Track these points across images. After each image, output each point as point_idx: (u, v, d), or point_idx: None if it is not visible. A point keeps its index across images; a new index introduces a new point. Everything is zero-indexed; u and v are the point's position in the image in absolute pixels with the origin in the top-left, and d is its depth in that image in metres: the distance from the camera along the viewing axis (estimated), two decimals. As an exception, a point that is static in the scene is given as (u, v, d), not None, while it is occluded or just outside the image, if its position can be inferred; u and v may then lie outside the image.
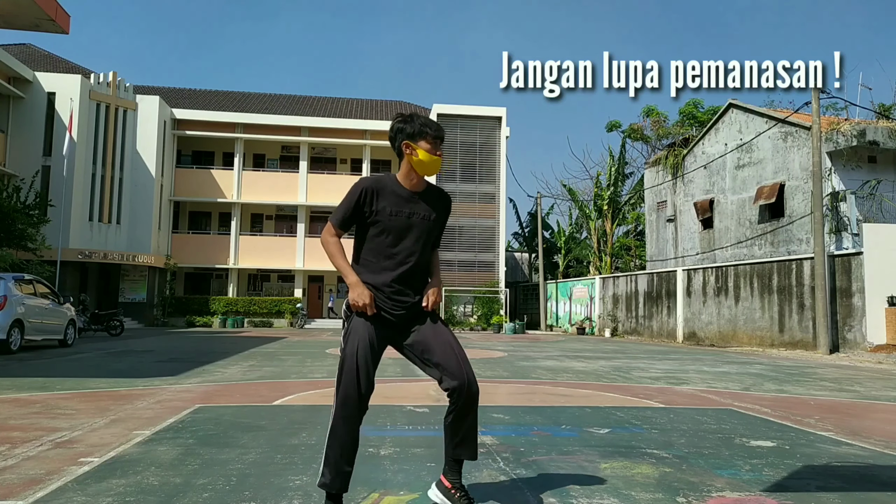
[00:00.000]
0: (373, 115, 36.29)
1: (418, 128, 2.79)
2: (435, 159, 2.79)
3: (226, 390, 7.42)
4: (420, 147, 2.77)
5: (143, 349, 14.25)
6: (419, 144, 2.78)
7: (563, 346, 18.66)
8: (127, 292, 29.75)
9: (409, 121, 2.82)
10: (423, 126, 2.79)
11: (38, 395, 6.74)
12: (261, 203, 33.96)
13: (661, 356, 14.66)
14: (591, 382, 8.84)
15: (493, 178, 33.00)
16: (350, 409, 2.70)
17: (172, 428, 4.93)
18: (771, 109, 23.43)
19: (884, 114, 21.96)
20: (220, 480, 3.44)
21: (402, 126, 2.82)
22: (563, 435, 4.89)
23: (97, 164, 28.32)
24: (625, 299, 26.32)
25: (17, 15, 11.59)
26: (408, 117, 2.84)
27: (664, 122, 35.71)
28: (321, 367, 10.39)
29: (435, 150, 2.79)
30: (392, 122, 2.89)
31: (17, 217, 20.01)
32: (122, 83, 29.49)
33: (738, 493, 3.36)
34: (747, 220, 22.20)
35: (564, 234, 39.40)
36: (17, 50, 32.94)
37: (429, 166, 2.79)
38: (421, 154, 2.77)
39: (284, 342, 17.73)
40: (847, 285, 16.31)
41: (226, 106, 35.11)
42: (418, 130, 2.78)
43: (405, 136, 2.80)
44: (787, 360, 14.13)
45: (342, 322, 2.90)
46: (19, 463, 3.79)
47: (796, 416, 5.99)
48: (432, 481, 3.25)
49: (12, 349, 12.15)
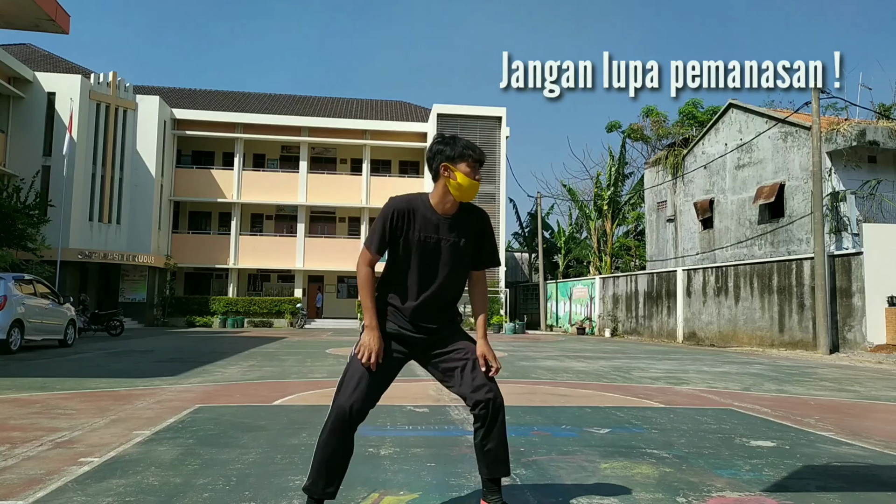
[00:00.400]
0: (373, 115, 36.30)
1: (460, 150, 2.71)
2: (473, 183, 2.70)
3: (226, 390, 7.42)
4: (459, 170, 2.69)
5: (143, 349, 14.25)
6: (458, 167, 2.69)
7: (563, 346, 18.66)
8: (127, 292, 29.74)
9: (450, 143, 2.74)
10: (465, 149, 2.72)
11: (38, 395, 6.74)
12: (261, 203, 33.96)
13: (661, 356, 14.66)
14: (591, 382, 8.84)
15: (493, 178, 33.00)
16: (340, 419, 2.62)
17: (172, 428, 4.93)
18: (771, 109, 23.43)
19: (884, 114, 21.96)
20: (220, 480, 3.44)
21: (441, 147, 2.74)
22: (563, 435, 4.89)
23: (97, 164, 28.31)
24: (625, 299, 26.32)
25: (17, 15, 11.59)
26: (449, 139, 2.76)
27: (664, 122, 35.73)
28: (321, 367, 10.39)
29: (474, 174, 2.71)
30: (431, 143, 2.80)
31: (17, 217, 20.01)
32: (122, 83, 29.49)
33: (738, 493, 3.36)
34: (747, 220, 22.21)
35: (564, 234, 39.41)
36: (17, 50, 32.94)
37: (467, 190, 2.71)
38: (459, 177, 2.69)
39: (284, 342, 17.73)
40: (847, 285, 16.31)
41: (226, 106, 35.11)
42: (459, 153, 2.70)
43: (444, 157, 2.71)
44: (787, 360, 14.13)
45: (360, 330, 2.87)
46: (19, 463, 3.79)
47: (796, 416, 5.99)
48: (432, 481, 3.26)
49: (12, 349, 12.15)
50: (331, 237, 34.54)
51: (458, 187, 2.69)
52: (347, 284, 36.16)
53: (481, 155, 2.74)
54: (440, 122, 32.55)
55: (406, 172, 36.70)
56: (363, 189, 34.08)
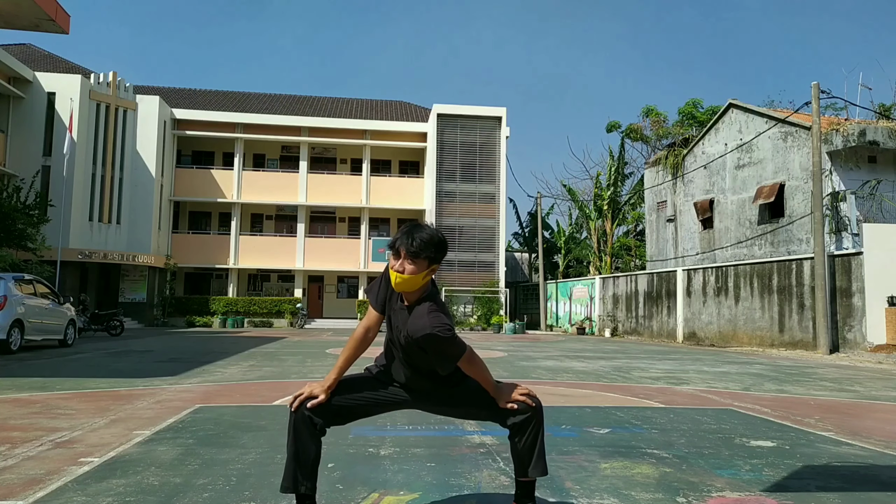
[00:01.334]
0: (373, 115, 36.30)
1: (391, 243, 2.61)
2: (393, 274, 2.55)
3: (226, 390, 7.42)
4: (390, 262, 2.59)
5: (143, 349, 14.25)
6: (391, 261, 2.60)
7: (563, 346, 18.66)
8: (127, 292, 29.75)
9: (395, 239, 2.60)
10: (393, 242, 2.59)
11: (38, 395, 6.74)
12: (261, 203, 33.97)
13: (661, 356, 14.66)
14: (592, 382, 8.84)
15: (493, 178, 33.01)
16: (299, 414, 2.56)
17: (172, 428, 4.93)
18: (771, 109, 23.44)
19: (884, 114, 21.97)
20: (220, 480, 3.44)
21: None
22: (563, 435, 4.89)
23: (97, 164, 28.31)
24: (625, 299, 26.32)
25: (17, 15, 11.58)
26: (399, 233, 2.61)
27: (664, 122, 35.74)
28: (321, 366, 10.39)
29: (394, 263, 2.55)
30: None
31: (18, 217, 20.01)
32: (122, 83, 29.49)
33: (738, 493, 3.36)
34: (747, 220, 22.21)
35: (564, 234, 39.42)
36: (17, 50, 32.96)
37: (395, 284, 2.57)
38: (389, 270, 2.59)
39: (284, 342, 17.73)
40: (847, 285, 16.31)
41: (226, 106, 35.12)
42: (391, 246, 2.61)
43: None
44: (787, 360, 14.12)
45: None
46: (19, 463, 3.79)
47: (796, 416, 5.99)
48: (432, 481, 3.26)
49: (12, 349, 12.16)
50: (331, 237, 34.55)
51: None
52: (347, 284, 36.19)
53: (407, 241, 2.52)
54: (440, 122, 32.57)
55: (406, 172, 36.71)
56: (363, 189, 34.08)
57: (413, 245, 2.50)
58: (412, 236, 2.52)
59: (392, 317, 2.67)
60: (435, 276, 2.71)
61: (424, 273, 2.53)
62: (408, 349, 2.58)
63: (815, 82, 17.44)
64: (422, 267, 2.52)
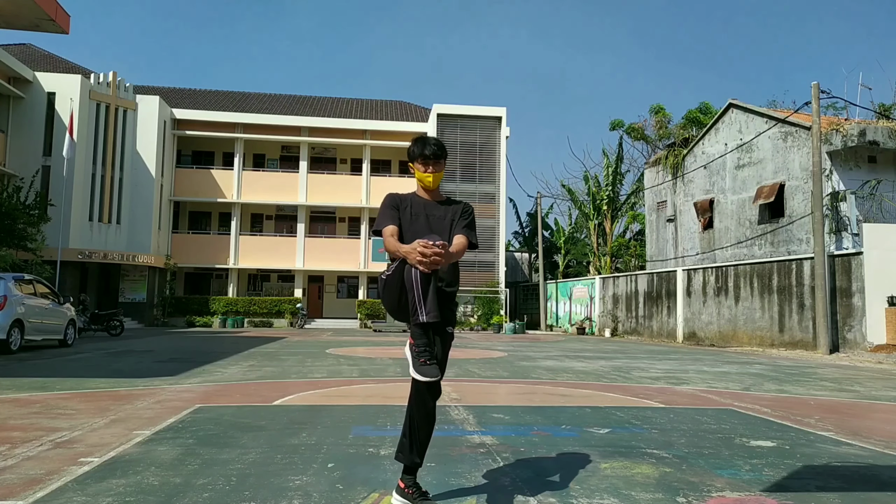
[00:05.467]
0: (373, 115, 36.30)
1: (413, 151, 3.15)
2: (427, 176, 3.12)
3: (226, 390, 7.41)
4: (416, 168, 3.15)
5: (143, 349, 14.25)
6: (416, 166, 3.15)
7: (563, 346, 18.66)
8: (127, 292, 29.75)
9: (413, 145, 3.17)
10: (417, 149, 3.13)
11: (38, 395, 6.74)
12: (261, 203, 33.97)
13: (661, 356, 14.66)
14: (592, 382, 8.84)
15: (493, 178, 33.02)
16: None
17: (172, 428, 4.93)
18: (771, 109, 23.43)
19: (884, 114, 21.95)
20: (220, 480, 3.44)
21: (408, 150, 3.21)
22: (563, 435, 4.89)
23: (97, 164, 28.31)
24: (625, 299, 26.32)
25: (17, 15, 11.59)
26: (415, 141, 3.19)
27: (668, 122, 35.65)
28: (321, 366, 10.39)
29: (425, 168, 3.12)
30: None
31: (18, 216, 19.99)
32: (122, 83, 29.49)
33: (738, 493, 3.36)
34: (747, 220, 22.20)
35: (564, 234, 39.41)
36: (17, 50, 32.96)
37: (426, 183, 3.14)
38: (417, 174, 3.16)
39: (284, 342, 17.73)
40: (847, 285, 16.31)
41: (226, 106, 35.12)
42: (413, 154, 3.15)
43: (409, 158, 3.20)
44: (787, 360, 14.12)
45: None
46: (19, 463, 3.79)
47: (796, 416, 5.99)
48: (432, 481, 3.25)
49: (12, 349, 12.15)
50: (331, 237, 34.55)
51: (420, 181, 3.15)
52: (347, 284, 36.17)
53: (433, 149, 3.11)
54: (440, 122, 32.56)
55: (406, 172, 36.65)
56: (363, 189, 34.08)
57: (437, 148, 3.14)
58: (428, 144, 3.13)
59: (415, 220, 3.06)
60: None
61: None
62: (437, 229, 3.04)
63: (815, 82, 17.44)
64: (443, 164, 3.18)
